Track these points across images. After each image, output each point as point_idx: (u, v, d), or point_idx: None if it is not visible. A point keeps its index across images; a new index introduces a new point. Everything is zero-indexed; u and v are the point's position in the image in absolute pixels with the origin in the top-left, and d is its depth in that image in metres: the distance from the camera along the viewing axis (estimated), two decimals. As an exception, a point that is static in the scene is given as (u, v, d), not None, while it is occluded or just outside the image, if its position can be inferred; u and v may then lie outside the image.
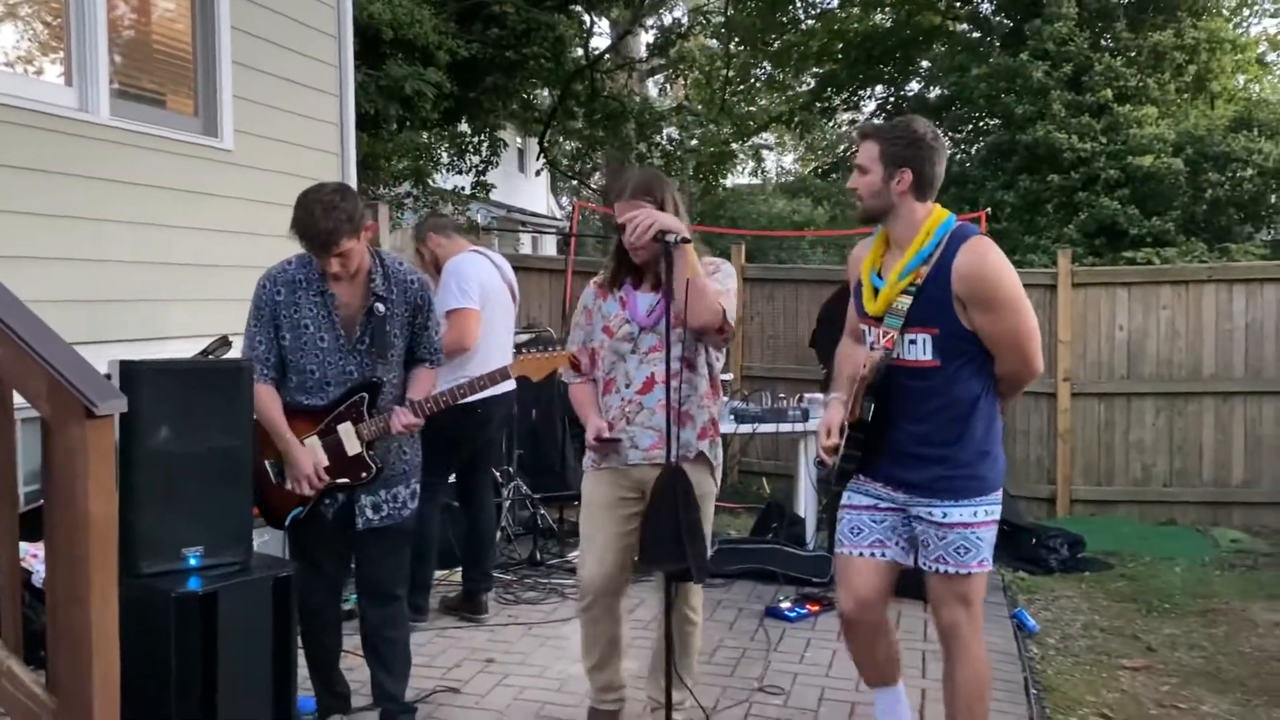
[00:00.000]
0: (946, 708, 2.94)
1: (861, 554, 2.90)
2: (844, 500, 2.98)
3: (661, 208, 3.14)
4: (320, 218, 2.98)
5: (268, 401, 3.12)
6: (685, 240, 3.04)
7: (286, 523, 3.17)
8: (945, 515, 2.78)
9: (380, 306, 3.17)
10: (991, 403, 2.83)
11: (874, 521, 2.89)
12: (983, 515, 2.79)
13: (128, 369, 2.60)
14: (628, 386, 3.24)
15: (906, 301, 2.74)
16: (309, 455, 3.11)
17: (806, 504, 5.96)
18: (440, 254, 4.69)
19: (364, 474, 3.19)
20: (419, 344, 3.34)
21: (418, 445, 3.41)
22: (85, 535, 2.23)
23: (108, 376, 2.65)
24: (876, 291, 2.85)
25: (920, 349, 2.77)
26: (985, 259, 2.70)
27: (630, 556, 3.30)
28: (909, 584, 3.18)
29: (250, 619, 2.69)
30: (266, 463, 3.15)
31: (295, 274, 3.18)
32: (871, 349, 2.86)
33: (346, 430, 3.16)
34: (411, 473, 3.35)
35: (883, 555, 2.89)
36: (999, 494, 2.84)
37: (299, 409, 3.17)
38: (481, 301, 4.51)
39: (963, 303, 2.71)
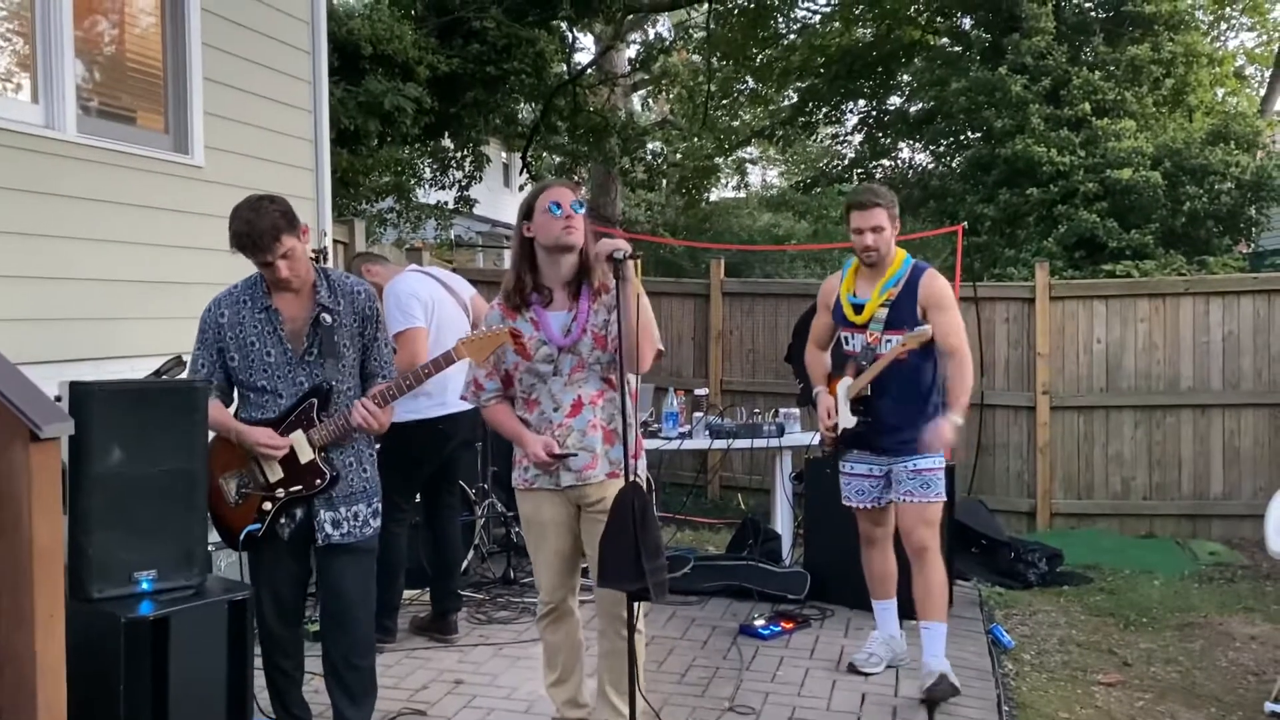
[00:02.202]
0: (918, 604, 4.05)
1: (867, 506, 4.21)
2: (846, 469, 4.22)
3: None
4: (255, 220, 3.03)
5: (210, 408, 3.08)
6: (632, 255, 3.06)
7: (241, 538, 3.13)
8: (916, 465, 4.02)
9: (327, 317, 3.17)
10: (939, 389, 4.03)
11: (870, 487, 4.18)
12: (937, 463, 4.05)
13: (78, 390, 2.56)
14: (556, 410, 3.23)
15: (884, 313, 4.00)
16: (262, 429, 3.11)
17: (783, 520, 5.92)
18: (380, 283, 4.64)
19: (318, 480, 3.16)
20: (371, 357, 3.33)
21: (375, 463, 3.39)
22: (29, 559, 2.19)
23: (57, 398, 2.61)
24: (855, 308, 4.07)
25: (894, 345, 3.93)
26: (938, 280, 4.06)
27: (576, 562, 3.37)
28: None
29: (204, 643, 2.65)
30: (221, 480, 3.12)
31: (240, 295, 3.22)
32: (852, 347, 4.09)
33: (298, 438, 3.14)
34: (372, 491, 3.32)
35: (879, 504, 4.19)
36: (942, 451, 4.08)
37: (252, 424, 3.16)
38: (427, 316, 4.48)
39: (924, 309, 3.97)
